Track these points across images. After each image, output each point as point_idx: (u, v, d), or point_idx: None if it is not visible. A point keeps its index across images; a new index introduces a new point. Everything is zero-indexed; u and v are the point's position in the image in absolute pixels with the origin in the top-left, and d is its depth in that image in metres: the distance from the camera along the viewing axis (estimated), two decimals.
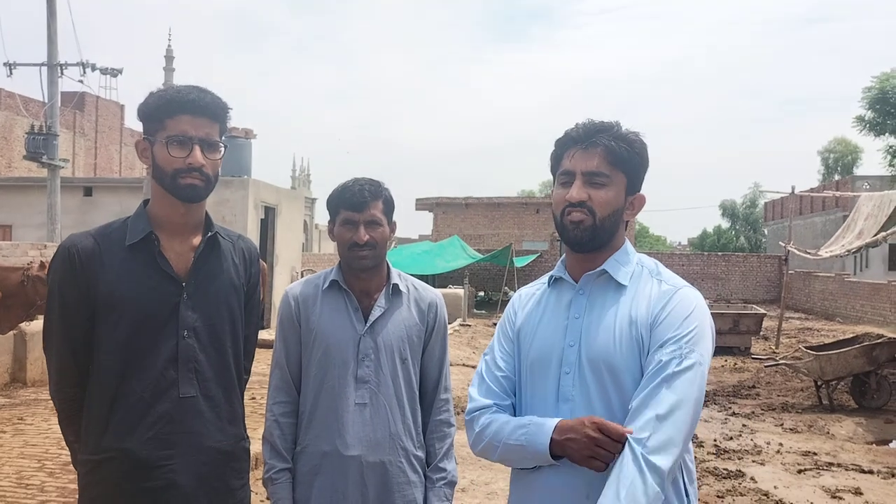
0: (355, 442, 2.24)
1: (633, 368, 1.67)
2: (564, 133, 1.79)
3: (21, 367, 8.10)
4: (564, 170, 1.75)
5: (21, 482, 4.79)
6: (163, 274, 1.94)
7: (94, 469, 1.92)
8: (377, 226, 2.29)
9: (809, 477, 6.11)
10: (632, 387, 1.66)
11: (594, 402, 1.68)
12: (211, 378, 1.98)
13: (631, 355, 1.67)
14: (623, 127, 1.76)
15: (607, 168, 1.72)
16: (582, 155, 1.73)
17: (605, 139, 1.72)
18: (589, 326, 1.73)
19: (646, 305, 1.71)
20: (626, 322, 1.70)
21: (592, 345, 1.70)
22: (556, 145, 1.81)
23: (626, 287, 1.75)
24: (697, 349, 1.63)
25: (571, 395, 1.70)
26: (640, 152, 1.76)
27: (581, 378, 1.70)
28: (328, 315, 2.31)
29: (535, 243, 30.71)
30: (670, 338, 1.64)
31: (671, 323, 1.66)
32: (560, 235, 1.79)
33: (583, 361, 1.70)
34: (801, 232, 31.34)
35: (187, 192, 1.93)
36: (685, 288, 1.75)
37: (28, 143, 17.36)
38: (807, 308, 25.74)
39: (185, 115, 1.91)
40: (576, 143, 1.74)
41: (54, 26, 17.81)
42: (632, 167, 1.75)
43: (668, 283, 1.76)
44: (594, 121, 1.76)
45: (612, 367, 1.67)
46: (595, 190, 1.71)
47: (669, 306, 1.69)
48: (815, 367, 8.91)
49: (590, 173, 1.71)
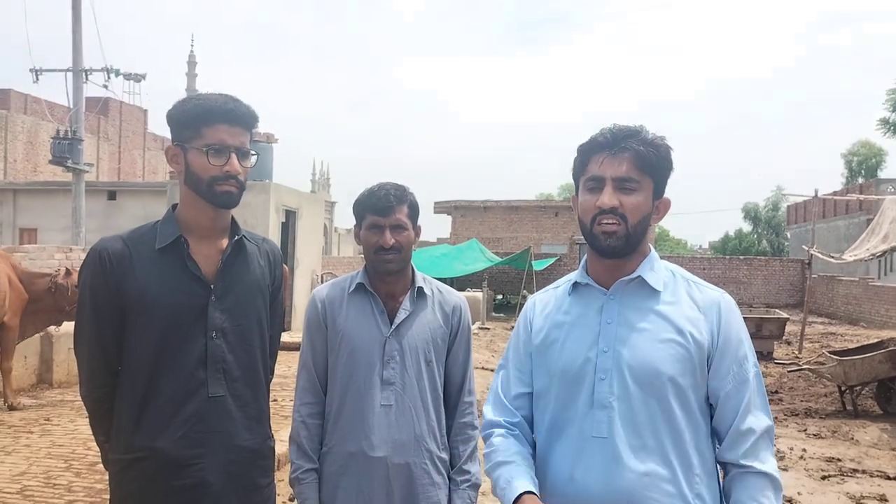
0: (381, 443, 2.26)
1: (678, 375, 1.67)
2: (590, 139, 1.77)
3: (48, 368, 8.22)
4: (592, 175, 1.73)
5: (49, 482, 4.86)
6: (192, 276, 1.98)
7: (125, 468, 1.95)
8: (402, 230, 2.32)
9: (833, 483, 6.04)
10: (675, 395, 1.67)
11: (635, 409, 1.68)
12: (239, 378, 2.01)
13: (677, 363, 1.68)
14: (649, 131, 1.75)
15: (636, 173, 1.71)
16: (611, 160, 1.71)
17: (634, 144, 1.71)
18: (625, 333, 1.72)
19: (694, 314, 1.72)
20: (671, 329, 1.70)
21: (634, 351, 1.70)
22: (582, 151, 1.79)
23: (660, 293, 1.75)
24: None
25: (609, 401, 1.69)
26: (667, 156, 1.76)
27: (621, 384, 1.69)
28: (354, 317, 2.34)
29: (553, 246, 30.62)
30: (745, 353, 1.72)
31: (738, 336, 1.73)
32: (590, 243, 1.77)
33: (622, 368, 1.69)
34: (824, 235, 30.99)
35: (224, 198, 1.98)
36: (725, 293, 1.80)
37: (54, 147, 17.65)
38: (830, 312, 25.44)
39: (222, 124, 1.95)
40: (603, 148, 1.73)
41: (79, 33, 18.08)
42: (659, 172, 1.75)
43: (709, 288, 1.79)
44: (621, 126, 1.75)
45: (657, 373, 1.67)
46: (625, 196, 1.70)
47: (725, 316, 1.74)
48: (839, 372, 8.80)
49: (620, 179, 1.70)
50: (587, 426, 1.70)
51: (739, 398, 1.68)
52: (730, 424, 1.68)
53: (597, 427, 1.68)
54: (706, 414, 1.73)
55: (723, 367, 1.69)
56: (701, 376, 1.70)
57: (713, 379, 1.70)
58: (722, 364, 1.69)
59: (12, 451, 5.53)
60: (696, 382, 1.69)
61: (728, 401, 1.69)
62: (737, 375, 1.69)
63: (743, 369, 1.69)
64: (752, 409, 1.68)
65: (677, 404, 1.67)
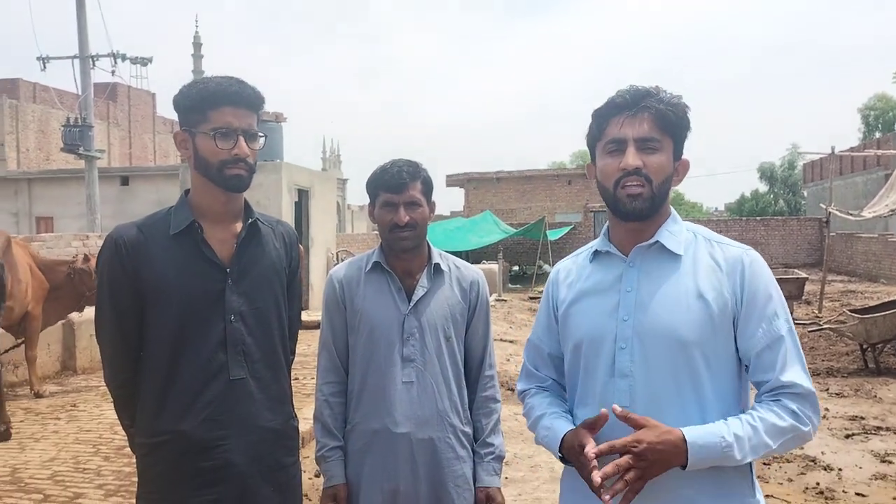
0: (404, 419, 2.27)
1: (703, 342, 1.64)
2: (607, 101, 1.73)
3: (71, 355, 8.33)
4: (613, 138, 1.69)
5: (78, 467, 4.95)
6: (207, 261, 1.98)
7: (151, 451, 1.97)
8: (417, 206, 2.30)
9: (857, 441, 6.03)
10: (697, 362, 1.63)
11: (656, 378, 1.65)
12: (259, 360, 2.02)
13: (699, 328, 1.64)
14: (666, 91, 1.71)
15: (658, 133, 1.67)
16: (631, 121, 1.67)
17: (654, 103, 1.67)
18: (646, 300, 1.69)
19: (716, 276, 1.68)
20: (691, 293, 1.66)
21: (654, 318, 1.67)
22: (598, 115, 1.75)
23: (681, 257, 1.71)
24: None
25: (630, 370, 1.67)
26: (685, 116, 1.72)
27: (642, 353, 1.66)
28: (372, 296, 2.34)
29: (568, 215, 30.46)
30: (775, 310, 1.65)
31: (766, 293, 1.66)
32: (613, 208, 1.73)
33: (643, 336, 1.67)
34: (841, 192, 30.59)
35: (234, 182, 1.97)
36: (751, 250, 1.73)
37: (64, 135, 17.72)
38: (849, 270, 25.23)
39: (228, 106, 1.93)
40: (622, 109, 1.69)
41: (84, 19, 18.03)
42: (678, 131, 1.72)
43: (733, 246, 1.73)
44: (638, 86, 1.71)
45: (681, 340, 1.64)
46: (648, 156, 1.67)
47: (749, 273, 1.67)
48: (860, 331, 8.74)
49: (642, 139, 1.67)
50: (608, 395, 1.68)
51: (773, 356, 1.61)
52: (764, 384, 1.64)
53: (617, 396, 1.66)
54: (735, 376, 1.69)
55: (750, 326, 1.64)
56: (726, 339, 1.66)
57: (742, 339, 1.65)
58: (749, 323, 1.64)
59: (41, 438, 5.62)
60: (720, 346, 1.66)
61: (760, 360, 1.63)
62: (767, 333, 1.62)
63: (773, 326, 1.63)
64: (789, 367, 1.61)
65: (701, 369, 1.64)
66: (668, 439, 1.54)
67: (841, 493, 4.86)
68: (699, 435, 1.56)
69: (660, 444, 1.53)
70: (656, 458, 1.53)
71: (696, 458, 1.55)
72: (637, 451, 1.53)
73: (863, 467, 5.38)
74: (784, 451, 1.64)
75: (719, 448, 1.55)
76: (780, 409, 1.59)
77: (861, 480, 5.11)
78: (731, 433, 1.56)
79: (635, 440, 1.54)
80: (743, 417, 1.60)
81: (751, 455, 1.57)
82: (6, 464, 5.00)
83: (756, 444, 1.56)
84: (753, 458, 1.59)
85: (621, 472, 1.52)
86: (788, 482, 5.09)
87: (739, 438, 1.56)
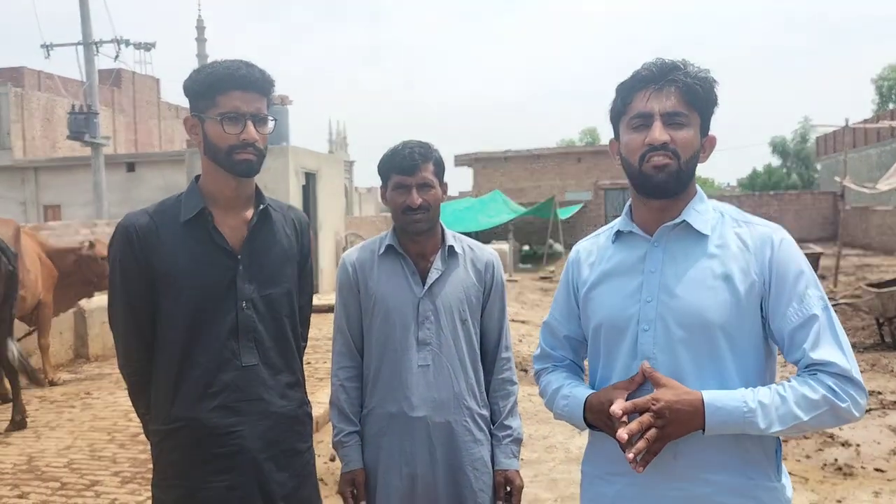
0: (420, 403, 2.25)
1: (728, 324, 1.59)
2: (633, 75, 1.67)
3: (83, 343, 8.35)
4: (638, 112, 1.63)
5: (94, 454, 4.96)
6: (218, 248, 1.96)
7: (165, 438, 1.97)
8: (429, 188, 2.26)
9: (875, 417, 5.97)
10: (722, 344, 1.59)
11: (679, 360, 1.61)
12: (271, 347, 2.01)
13: (725, 309, 1.59)
14: (693, 64, 1.65)
15: (685, 107, 1.62)
16: (657, 95, 1.62)
17: (682, 76, 1.62)
18: (670, 281, 1.64)
19: (744, 256, 1.62)
20: (718, 275, 1.61)
21: (678, 300, 1.62)
22: (623, 88, 1.68)
23: (707, 237, 1.66)
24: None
25: (652, 352, 1.63)
26: (712, 91, 1.66)
27: (666, 335, 1.62)
28: (386, 279, 2.31)
29: (578, 193, 30.27)
30: (806, 288, 1.59)
31: (796, 271, 1.60)
32: (637, 183, 1.68)
33: (666, 318, 1.62)
34: (855, 165, 30.28)
35: (243, 167, 1.94)
36: (780, 229, 1.68)
37: (70, 123, 17.72)
38: (865, 244, 25.05)
39: (236, 91, 1.90)
40: (648, 82, 1.63)
41: (87, 5, 17.97)
42: (706, 106, 1.66)
43: (761, 225, 1.68)
44: (665, 59, 1.65)
45: (706, 322, 1.59)
46: (676, 131, 1.61)
47: (778, 252, 1.61)
48: (876, 305, 8.65)
49: (669, 114, 1.61)
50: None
51: (805, 335, 1.55)
52: (800, 362, 1.58)
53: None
54: (761, 359, 1.64)
55: (781, 305, 1.59)
56: (752, 321, 1.61)
57: (774, 320, 1.60)
58: (780, 302, 1.59)
59: (56, 427, 5.64)
60: (745, 328, 1.60)
61: (794, 340, 1.58)
62: (798, 312, 1.57)
63: (805, 305, 1.57)
64: (822, 344, 1.54)
65: (725, 352, 1.60)
66: (686, 399, 1.53)
67: (860, 469, 4.81)
68: (718, 397, 1.53)
69: (678, 404, 1.52)
70: (674, 417, 1.51)
71: (715, 421, 1.51)
72: (655, 409, 1.51)
73: (881, 443, 5.33)
74: (820, 426, 1.58)
75: (740, 413, 1.51)
76: (814, 382, 1.53)
77: (879, 455, 5.07)
78: (756, 400, 1.52)
79: (654, 398, 1.53)
80: (772, 387, 1.55)
81: (777, 425, 1.51)
82: (23, 452, 5.02)
83: (784, 414, 1.51)
84: (782, 430, 1.52)
85: (643, 429, 1.51)
86: (806, 459, 5.05)
87: (765, 406, 1.51)
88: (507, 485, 2.32)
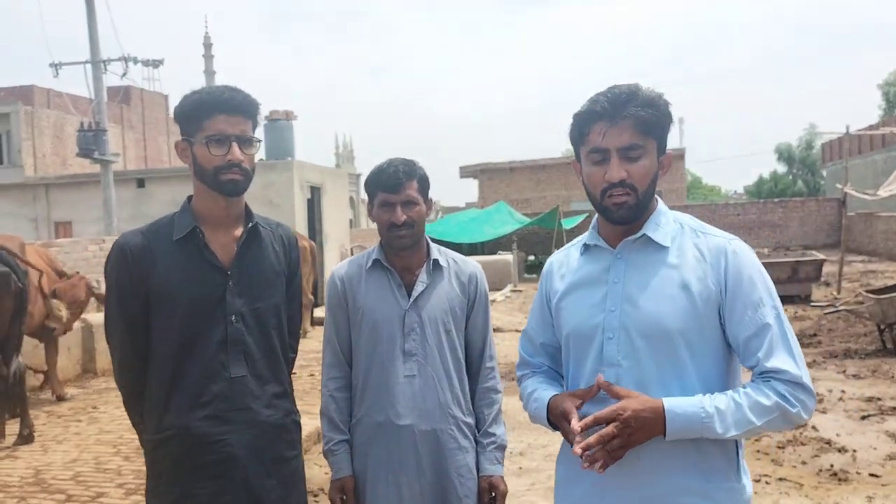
0: (407, 412, 2.32)
1: (687, 331, 1.67)
2: (587, 107, 1.72)
3: (91, 357, 8.46)
4: (596, 147, 1.70)
5: (99, 467, 5.05)
6: (209, 265, 2.06)
7: (157, 447, 2.07)
8: (413, 205, 2.34)
9: (873, 423, 6.00)
10: (682, 351, 1.67)
11: (641, 367, 1.69)
12: (259, 359, 2.10)
13: (686, 318, 1.67)
14: (645, 89, 1.71)
15: (640, 138, 1.68)
16: (612, 130, 1.67)
17: (634, 109, 1.67)
18: (632, 291, 1.72)
19: (701, 265, 1.70)
20: (677, 285, 1.69)
21: (639, 310, 1.70)
22: (579, 119, 1.75)
23: (667, 248, 1.74)
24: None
25: (617, 360, 1.71)
26: (667, 112, 1.73)
27: (629, 343, 1.70)
28: (373, 293, 2.39)
29: (582, 203, 30.22)
30: (760, 297, 1.66)
31: (749, 280, 1.68)
32: (601, 214, 1.77)
33: (629, 327, 1.70)
34: (861, 171, 30.21)
35: (229, 187, 2.04)
36: (735, 239, 1.76)
37: (79, 140, 17.93)
38: (870, 250, 24.93)
39: (221, 114, 2.01)
40: (602, 117, 1.69)
41: (95, 24, 18.20)
42: (660, 130, 1.73)
43: (717, 236, 1.75)
44: (616, 90, 1.70)
45: (666, 330, 1.67)
46: (632, 164, 1.68)
47: (733, 262, 1.69)
48: (876, 311, 8.66)
49: (625, 148, 1.68)
50: None
51: (759, 343, 1.64)
52: (754, 369, 1.67)
53: None
54: (722, 364, 1.72)
55: (736, 313, 1.67)
56: (711, 328, 1.69)
57: (730, 327, 1.68)
58: (735, 311, 1.67)
59: (63, 440, 5.74)
60: (705, 335, 1.68)
61: (748, 347, 1.66)
62: (752, 321, 1.65)
63: (759, 314, 1.65)
64: (775, 353, 1.62)
65: (685, 358, 1.68)
66: (649, 406, 1.60)
67: (854, 475, 4.85)
68: (678, 404, 1.61)
69: (643, 412, 1.59)
70: (639, 425, 1.59)
71: (675, 427, 1.59)
72: (623, 419, 1.58)
73: (878, 448, 5.36)
74: (772, 430, 1.67)
75: (699, 418, 1.59)
76: (767, 389, 1.62)
77: (875, 461, 5.10)
78: (713, 405, 1.60)
79: (620, 408, 1.60)
80: (728, 393, 1.64)
81: (734, 429, 1.60)
82: (30, 465, 5.12)
83: (739, 419, 1.60)
84: (737, 434, 1.61)
85: (605, 440, 1.58)
86: (802, 465, 5.09)
87: (721, 412, 1.59)
88: (491, 490, 2.39)
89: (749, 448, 5.47)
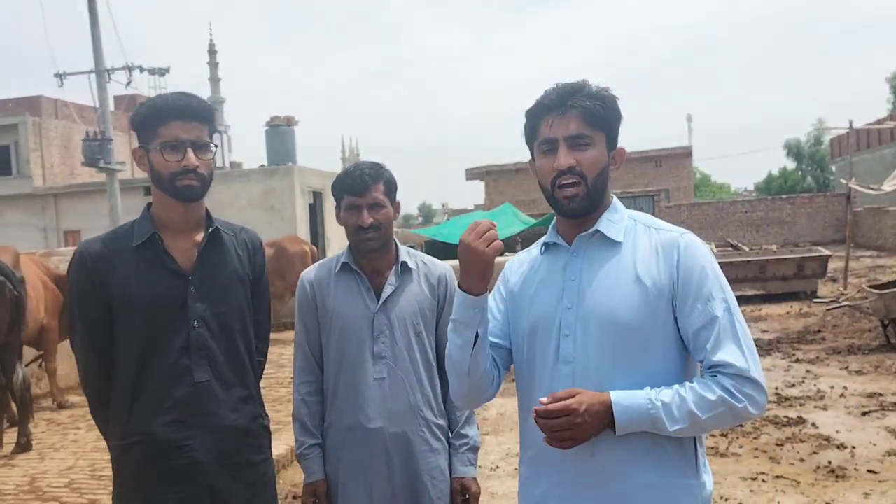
0: (377, 415, 2.32)
1: (642, 325, 1.67)
2: (536, 102, 1.77)
3: None
4: (545, 139, 1.74)
5: (94, 474, 5.09)
6: (169, 270, 2.06)
7: (122, 453, 2.07)
8: (380, 208, 2.34)
9: (874, 419, 5.94)
10: (637, 345, 1.67)
11: (597, 362, 1.69)
12: (223, 363, 2.09)
13: (640, 312, 1.67)
14: (592, 85, 1.74)
15: (587, 129, 1.71)
16: (560, 120, 1.72)
17: (580, 101, 1.71)
18: (587, 287, 1.73)
19: (653, 259, 1.71)
20: (630, 279, 1.70)
21: (594, 305, 1.71)
22: (530, 115, 1.79)
23: (621, 244, 1.75)
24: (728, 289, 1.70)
25: (572, 356, 1.71)
26: (614, 107, 1.75)
27: (585, 339, 1.70)
28: (342, 296, 2.39)
29: None
30: (710, 291, 1.66)
31: (700, 274, 1.68)
32: (553, 208, 1.79)
33: (585, 322, 1.71)
34: (869, 166, 30.02)
35: (185, 192, 2.04)
36: (687, 233, 1.76)
37: (85, 149, 18.08)
38: (878, 245, 24.73)
39: (175, 120, 2.01)
40: (550, 110, 1.73)
41: (98, 33, 18.34)
42: (609, 123, 1.75)
43: (669, 230, 1.76)
44: (564, 84, 1.75)
45: (621, 325, 1.67)
46: (580, 153, 1.71)
47: (684, 256, 1.70)
48: (879, 306, 8.59)
49: (573, 137, 1.71)
50: (554, 382, 1.72)
51: (707, 336, 1.64)
52: (702, 363, 1.67)
53: (562, 382, 1.70)
54: (679, 358, 1.71)
55: (687, 307, 1.67)
56: (665, 322, 1.69)
57: (681, 320, 1.68)
58: (686, 304, 1.67)
59: (61, 448, 5.78)
60: (660, 329, 1.68)
61: (697, 340, 1.66)
62: (702, 313, 1.65)
63: (708, 307, 1.65)
64: (723, 346, 1.62)
65: (641, 353, 1.67)
66: (599, 399, 1.61)
67: (852, 471, 4.80)
68: (625, 397, 1.61)
69: (594, 406, 1.59)
70: (589, 416, 1.58)
71: (623, 420, 1.59)
72: (575, 401, 1.58)
73: (877, 444, 5.31)
74: (721, 425, 1.66)
75: (646, 410, 1.59)
76: (712, 383, 1.61)
77: (874, 457, 5.05)
78: (659, 399, 1.60)
79: (573, 391, 1.61)
80: (675, 387, 1.63)
81: (681, 423, 1.59)
82: (26, 473, 5.16)
83: (684, 414, 1.59)
84: (685, 429, 1.60)
85: (558, 429, 1.58)
86: (800, 462, 5.05)
87: (666, 405, 1.59)
88: (463, 492, 2.39)
89: (747, 446, 5.43)
